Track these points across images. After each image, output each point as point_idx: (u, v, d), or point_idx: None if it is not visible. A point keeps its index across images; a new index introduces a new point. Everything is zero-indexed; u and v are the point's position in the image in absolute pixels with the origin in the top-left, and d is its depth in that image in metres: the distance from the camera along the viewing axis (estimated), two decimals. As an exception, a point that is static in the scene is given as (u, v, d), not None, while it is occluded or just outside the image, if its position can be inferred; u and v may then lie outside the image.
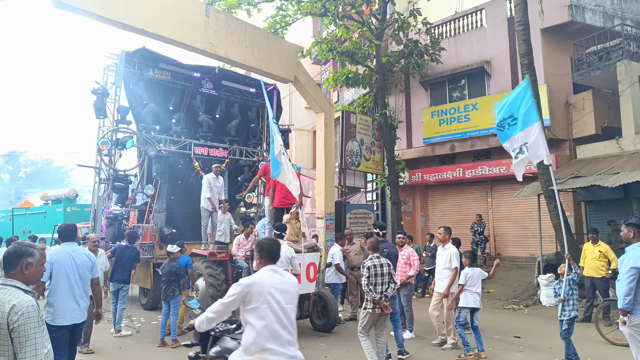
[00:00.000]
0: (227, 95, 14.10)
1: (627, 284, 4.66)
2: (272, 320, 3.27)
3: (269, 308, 3.28)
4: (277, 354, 3.24)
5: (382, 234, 7.35)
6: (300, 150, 23.88)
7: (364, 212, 16.14)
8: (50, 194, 22.46)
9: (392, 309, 7.13)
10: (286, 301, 3.39)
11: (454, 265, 7.50)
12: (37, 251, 3.05)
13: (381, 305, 6.10)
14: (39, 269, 3.05)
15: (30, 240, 6.69)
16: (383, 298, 6.12)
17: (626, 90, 12.83)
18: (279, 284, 3.41)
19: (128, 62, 11.88)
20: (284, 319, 3.33)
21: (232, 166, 14.17)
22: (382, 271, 6.20)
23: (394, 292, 6.34)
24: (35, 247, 3.07)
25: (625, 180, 10.52)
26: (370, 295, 6.14)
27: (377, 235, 7.35)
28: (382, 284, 6.17)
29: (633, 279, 4.65)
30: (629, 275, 4.67)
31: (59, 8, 9.42)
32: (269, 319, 3.26)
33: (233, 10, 14.32)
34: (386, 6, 15.66)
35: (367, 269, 6.19)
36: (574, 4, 14.36)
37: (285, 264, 7.21)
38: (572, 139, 14.67)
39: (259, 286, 3.32)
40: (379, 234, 7.35)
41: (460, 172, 16.37)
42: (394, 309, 7.16)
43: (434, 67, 17.26)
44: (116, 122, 11.52)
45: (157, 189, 12.28)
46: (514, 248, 15.73)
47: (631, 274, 4.66)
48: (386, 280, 6.21)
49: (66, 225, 5.58)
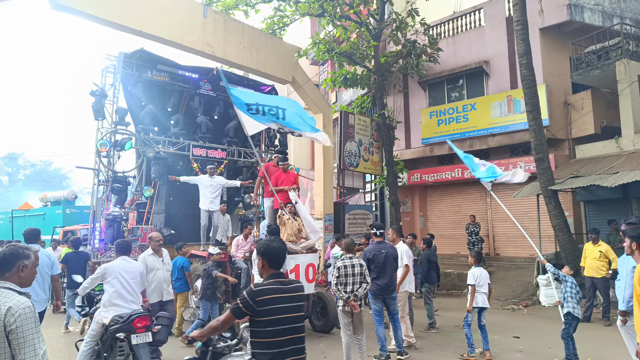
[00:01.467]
0: (225, 96, 14.06)
1: (631, 286, 4.53)
2: (120, 288, 5.56)
3: (118, 281, 5.57)
4: (123, 307, 5.50)
5: (380, 234, 7.34)
6: (298, 151, 23.85)
7: (362, 212, 16.13)
8: (50, 195, 22.44)
9: (392, 309, 7.14)
10: (130, 277, 5.67)
11: (405, 263, 7.68)
12: (32, 253, 3.03)
13: (350, 305, 6.21)
14: (33, 272, 3.04)
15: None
16: (352, 297, 6.22)
17: (625, 89, 12.82)
18: (126, 267, 5.72)
19: (126, 64, 11.87)
20: (128, 288, 5.61)
21: (231, 167, 14.15)
22: (353, 271, 6.34)
23: (365, 291, 6.42)
24: (31, 249, 3.05)
25: (624, 180, 10.50)
26: (338, 295, 6.34)
27: (375, 235, 7.33)
28: (352, 284, 6.30)
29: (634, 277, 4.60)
30: (631, 275, 4.59)
31: (56, 9, 9.40)
32: (117, 287, 5.55)
33: (231, 11, 14.29)
34: (384, 6, 15.64)
35: (337, 269, 6.36)
36: (573, 3, 14.35)
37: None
38: (571, 139, 14.66)
39: (112, 269, 5.63)
40: (377, 234, 7.33)
41: (459, 172, 16.35)
42: (394, 309, 7.16)
43: (433, 67, 17.25)
44: (115, 123, 11.50)
45: (155, 191, 12.26)
46: (513, 248, 15.72)
47: (633, 274, 4.58)
48: (357, 280, 6.33)
49: (30, 230, 6.79)
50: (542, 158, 11.33)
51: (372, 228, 7.46)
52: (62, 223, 18.69)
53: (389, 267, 7.02)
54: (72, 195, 21.63)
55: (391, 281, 7.06)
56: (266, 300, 3.18)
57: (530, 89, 11.48)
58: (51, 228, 17.83)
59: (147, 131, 12.14)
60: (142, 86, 12.37)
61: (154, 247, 7.15)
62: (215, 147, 13.32)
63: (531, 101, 11.49)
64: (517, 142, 15.03)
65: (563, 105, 14.77)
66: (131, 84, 12.28)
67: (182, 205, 13.01)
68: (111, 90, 11.57)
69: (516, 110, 14.86)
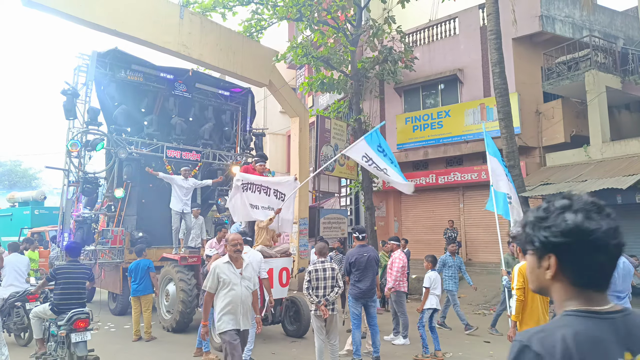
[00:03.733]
0: (200, 98, 13.96)
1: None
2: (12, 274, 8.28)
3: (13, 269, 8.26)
4: (17, 287, 8.21)
5: (362, 237, 7.32)
6: (274, 155, 23.78)
7: (337, 217, 16.17)
8: (18, 196, 21.88)
9: (372, 313, 7.14)
10: (21, 265, 8.48)
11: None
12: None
13: (320, 309, 6.24)
14: None
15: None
16: (322, 301, 6.25)
17: (594, 99, 13.16)
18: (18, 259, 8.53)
19: (99, 63, 11.65)
20: (19, 272, 8.40)
21: (206, 170, 14.02)
22: (324, 275, 6.36)
23: (337, 295, 6.42)
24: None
25: (592, 188, 10.77)
26: (309, 300, 6.39)
27: (357, 239, 7.31)
28: (324, 288, 6.32)
29: None
30: None
31: (28, 7, 9.22)
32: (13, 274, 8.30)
33: (208, 13, 14.21)
34: (361, 13, 15.75)
35: (308, 273, 6.39)
36: (545, 15, 14.68)
37: (256, 269, 7.13)
38: (541, 147, 14.96)
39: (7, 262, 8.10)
40: (359, 237, 7.31)
41: (433, 178, 16.53)
42: (373, 312, 7.17)
43: (408, 74, 17.41)
44: (86, 123, 11.28)
45: (127, 192, 12.05)
46: (484, 254, 15.93)
47: None
48: (329, 284, 6.35)
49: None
50: (513, 165, 11.53)
51: (355, 232, 7.44)
52: (30, 224, 18.25)
53: (370, 270, 7.02)
54: (41, 196, 21.14)
55: (372, 285, 7.08)
56: None
57: (503, 97, 11.68)
58: (18, 229, 17.40)
59: (119, 132, 11.95)
60: (116, 86, 12.18)
61: (231, 254, 5.33)
62: (189, 149, 13.18)
63: (503, 109, 11.69)
64: (489, 149, 15.25)
65: (534, 114, 15.08)
66: (104, 83, 12.06)
67: (154, 208, 12.82)
68: (83, 89, 11.35)
69: (489, 118, 15.10)
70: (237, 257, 5.31)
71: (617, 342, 1.19)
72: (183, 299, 9.25)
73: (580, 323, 1.21)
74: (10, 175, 50.05)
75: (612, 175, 11.21)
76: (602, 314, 1.23)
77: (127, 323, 10.27)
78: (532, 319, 4.59)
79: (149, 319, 8.67)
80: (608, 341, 1.18)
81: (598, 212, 1.25)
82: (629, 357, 1.19)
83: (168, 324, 9.57)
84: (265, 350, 7.91)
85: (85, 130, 11.24)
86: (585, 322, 1.21)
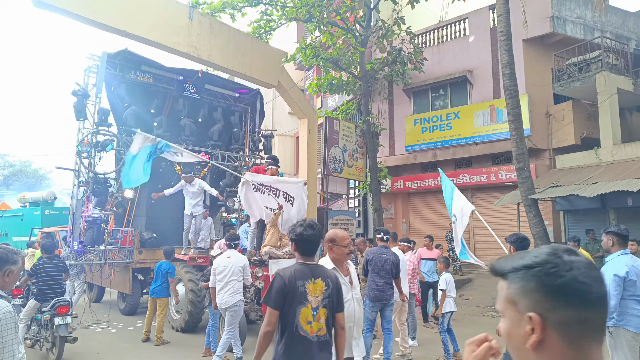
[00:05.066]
0: (209, 99, 14.00)
1: (615, 296, 4.61)
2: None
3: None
4: None
5: (385, 239, 7.21)
6: (283, 156, 23.74)
7: (346, 218, 16.14)
8: (28, 196, 21.99)
9: (387, 315, 7.04)
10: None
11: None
12: (20, 258, 2.99)
13: None
14: (17, 277, 3.00)
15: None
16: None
17: (605, 101, 13.05)
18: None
19: (109, 64, 11.71)
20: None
21: (214, 171, 14.05)
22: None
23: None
24: (19, 254, 3.01)
25: (602, 190, 10.68)
26: None
27: (381, 240, 7.24)
28: None
29: (617, 285, 4.65)
30: (613, 284, 4.63)
31: (39, 7, 9.28)
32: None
33: (217, 14, 14.25)
34: (371, 14, 15.73)
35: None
36: (556, 16, 14.59)
37: (238, 273, 7.09)
38: (551, 149, 14.86)
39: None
40: (383, 238, 7.23)
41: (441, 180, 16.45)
42: (389, 315, 7.05)
43: (417, 76, 17.37)
44: (96, 124, 11.34)
45: (137, 193, 12.11)
46: (494, 255, 15.84)
47: (615, 283, 4.63)
48: None
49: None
50: (523, 167, 11.44)
51: (379, 232, 7.36)
52: (40, 224, 18.37)
53: (386, 272, 6.87)
54: (51, 196, 21.24)
55: (387, 286, 6.89)
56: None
57: (513, 99, 11.61)
58: (29, 229, 17.51)
59: (129, 132, 11.99)
60: (126, 87, 12.23)
61: (339, 257, 3.92)
62: (198, 150, 13.19)
63: (513, 111, 11.61)
64: (498, 151, 15.19)
65: (544, 116, 14.98)
66: (114, 84, 12.12)
67: (163, 208, 12.89)
68: (93, 90, 11.41)
69: (498, 120, 15.03)
70: (344, 260, 4.00)
71: None
72: (192, 299, 9.29)
73: None
74: (20, 175, 50.45)
75: (623, 178, 11.10)
76: None
77: (136, 323, 10.33)
78: None
79: (161, 323, 8.62)
80: None
81: None
82: None
83: (177, 324, 9.63)
84: (268, 350, 7.87)
85: (95, 131, 11.30)
86: None
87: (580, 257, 1.04)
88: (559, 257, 1.03)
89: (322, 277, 3.39)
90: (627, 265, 4.68)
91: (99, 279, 11.81)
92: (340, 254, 3.84)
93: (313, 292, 3.32)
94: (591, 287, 1.00)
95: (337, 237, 3.85)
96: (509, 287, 1.08)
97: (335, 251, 3.83)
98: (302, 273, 3.34)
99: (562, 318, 0.99)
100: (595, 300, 1.00)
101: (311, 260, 3.50)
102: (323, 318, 3.33)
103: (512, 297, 1.07)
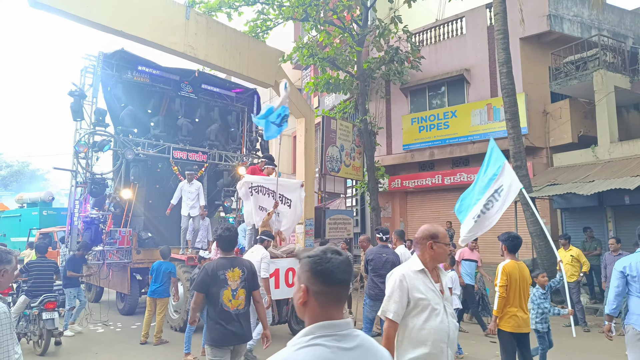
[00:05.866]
0: (206, 99, 13.99)
1: (614, 288, 4.71)
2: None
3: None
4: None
5: (385, 238, 7.20)
6: (280, 155, 23.78)
7: (343, 217, 16.12)
8: (26, 197, 21.97)
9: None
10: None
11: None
12: (14, 258, 2.99)
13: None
14: (12, 276, 2.99)
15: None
16: None
17: (602, 100, 13.06)
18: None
19: (106, 64, 11.70)
20: None
21: (212, 170, 14.05)
22: None
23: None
24: (12, 253, 3.00)
25: (600, 189, 10.69)
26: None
27: (380, 240, 7.23)
28: None
29: (615, 279, 4.71)
30: (613, 277, 4.76)
31: (35, 7, 9.23)
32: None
33: (213, 14, 14.24)
34: (367, 13, 15.73)
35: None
36: (553, 14, 14.60)
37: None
38: (549, 147, 14.88)
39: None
40: (382, 238, 7.22)
41: (439, 178, 16.48)
42: None
43: (415, 74, 17.37)
44: (93, 124, 11.33)
45: (134, 193, 12.09)
46: (492, 254, 15.84)
47: (614, 276, 4.75)
48: None
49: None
50: (520, 165, 11.47)
51: (378, 232, 7.35)
52: (38, 225, 18.34)
53: (386, 271, 6.84)
54: (49, 197, 21.22)
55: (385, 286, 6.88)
56: None
57: (510, 97, 11.63)
58: (27, 230, 17.49)
59: (126, 132, 11.99)
60: (122, 87, 12.21)
61: (434, 257, 3.19)
62: (196, 150, 13.21)
63: (510, 109, 11.64)
64: (496, 150, 15.18)
65: (542, 114, 15.00)
66: (111, 84, 12.10)
67: (161, 208, 12.86)
68: (90, 90, 11.40)
69: (496, 118, 15.04)
70: (442, 262, 3.37)
71: None
72: (190, 299, 9.29)
73: None
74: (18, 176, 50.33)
75: (620, 176, 11.12)
76: None
77: (135, 323, 10.32)
78: (509, 313, 5.21)
79: (161, 323, 8.60)
80: None
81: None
82: None
83: (175, 324, 9.62)
84: (270, 351, 7.88)
85: (92, 132, 11.29)
86: None
87: (340, 256, 1.64)
88: (325, 254, 1.64)
89: (239, 266, 4.45)
90: (632, 260, 4.69)
91: (97, 279, 11.80)
92: (442, 253, 3.17)
93: (232, 278, 4.36)
94: (335, 274, 1.61)
95: (439, 233, 3.19)
96: (299, 267, 1.68)
97: (437, 249, 3.13)
98: (222, 265, 4.36)
99: (317, 289, 1.62)
100: (337, 282, 1.62)
101: (230, 254, 4.52)
102: (242, 296, 4.40)
103: (299, 274, 1.68)
